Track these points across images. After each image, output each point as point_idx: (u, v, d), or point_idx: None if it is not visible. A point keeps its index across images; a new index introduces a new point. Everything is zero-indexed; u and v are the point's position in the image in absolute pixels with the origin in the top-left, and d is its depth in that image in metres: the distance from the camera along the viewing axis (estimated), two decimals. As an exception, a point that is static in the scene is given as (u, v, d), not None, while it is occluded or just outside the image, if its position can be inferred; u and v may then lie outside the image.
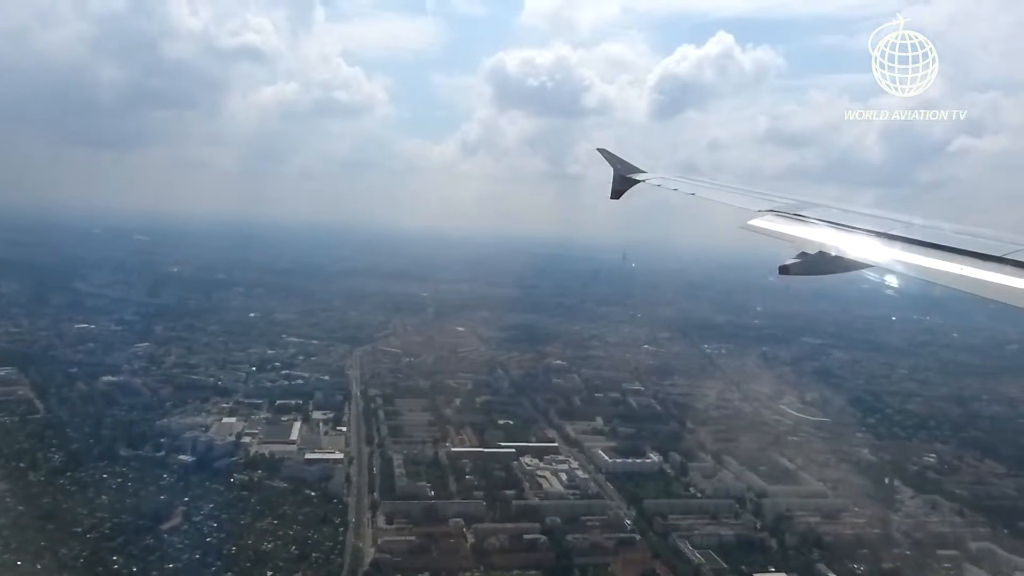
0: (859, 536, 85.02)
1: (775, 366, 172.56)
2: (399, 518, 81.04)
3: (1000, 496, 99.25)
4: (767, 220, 12.76)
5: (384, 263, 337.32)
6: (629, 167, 20.65)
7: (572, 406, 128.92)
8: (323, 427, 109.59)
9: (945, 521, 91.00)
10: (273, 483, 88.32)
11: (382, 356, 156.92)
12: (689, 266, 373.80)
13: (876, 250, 10.17)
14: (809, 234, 11.52)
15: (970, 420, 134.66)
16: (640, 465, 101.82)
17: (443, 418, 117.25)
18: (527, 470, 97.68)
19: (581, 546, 77.11)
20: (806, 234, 11.56)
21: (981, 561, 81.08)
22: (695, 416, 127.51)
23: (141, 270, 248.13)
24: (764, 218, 12.88)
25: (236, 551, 71.27)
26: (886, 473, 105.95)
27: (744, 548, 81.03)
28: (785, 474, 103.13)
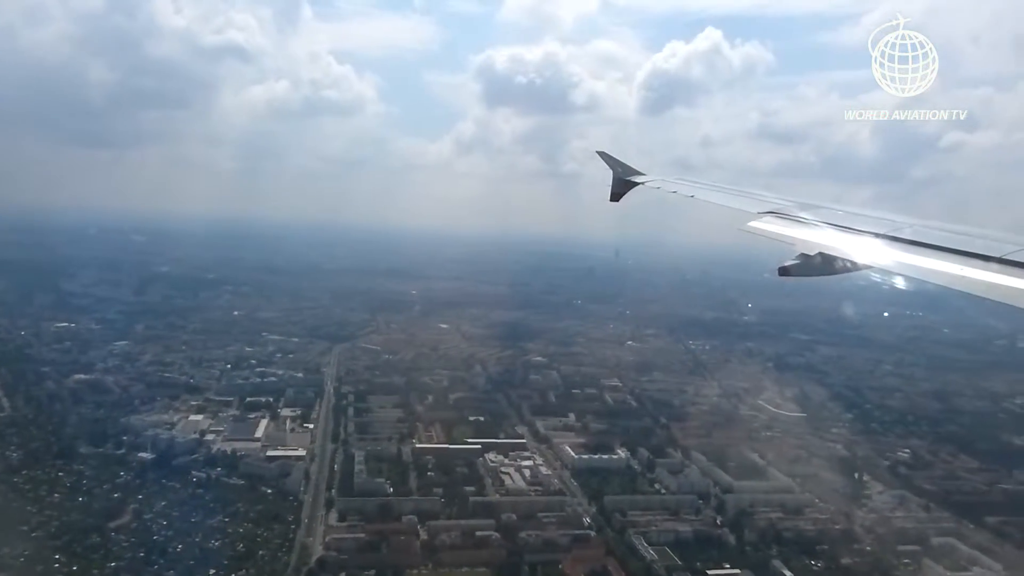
0: (820, 532, 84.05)
1: (758, 362, 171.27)
2: (352, 515, 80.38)
3: (970, 491, 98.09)
4: (766, 222, 12.82)
5: (378, 262, 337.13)
6: (628, 170, 20.67)
7: (547, 402, 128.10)
8: (290, 424, 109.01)
9: (910, 516, 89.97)
10: (230, 480, 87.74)
11: (361, 353, 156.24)
12: (685, 263, 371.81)
13: (876, 251, 10.20)
14: (808, 235, 11.57)
15: (950, 416, 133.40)
16: (607, 461, 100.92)
17: (414, 415, 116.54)
18: (491, 467, 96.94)
19: (534, 543, 76.30)
20: (805, 236, 11.61)
21: (941, 557, 79.94)
22: (670, 412, 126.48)
23: (131, 269, 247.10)
24: (763, 220, 12.95)
25: (182, 549, 70.68)
26: (857, 469, 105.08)
27: (701, 544, 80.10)
28: (753, 470, 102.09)
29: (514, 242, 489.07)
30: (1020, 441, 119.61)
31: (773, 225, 12.58)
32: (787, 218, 12.91)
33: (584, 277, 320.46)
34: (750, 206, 14.31)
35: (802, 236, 11.61)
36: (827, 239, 11.15)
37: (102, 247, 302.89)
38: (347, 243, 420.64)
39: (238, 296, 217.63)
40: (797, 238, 11.55)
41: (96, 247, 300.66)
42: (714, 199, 16.25)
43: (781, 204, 13.86)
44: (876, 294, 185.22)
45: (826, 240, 11.11)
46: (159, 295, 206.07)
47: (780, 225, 12.54)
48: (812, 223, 12.27)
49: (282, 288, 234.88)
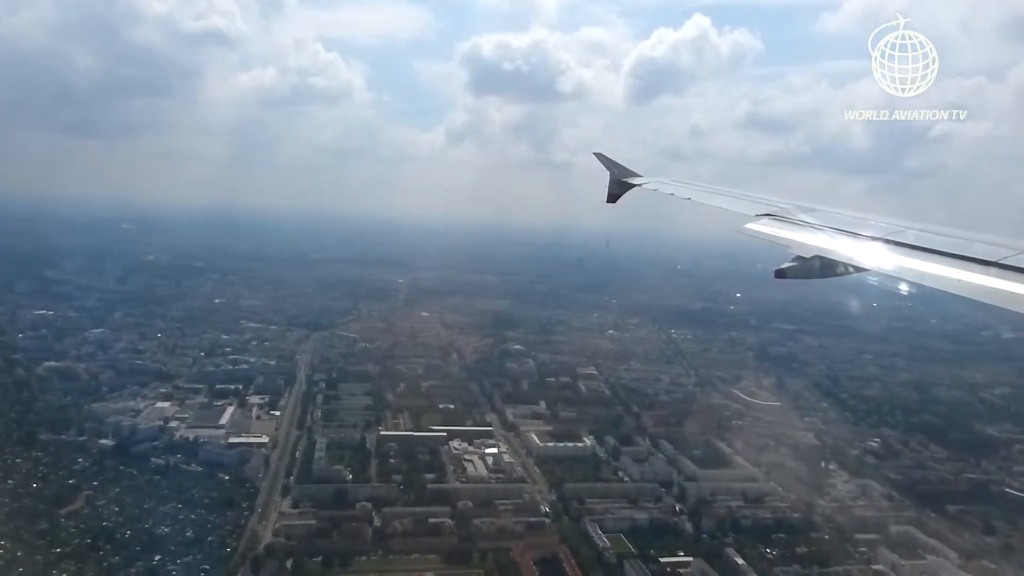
0: (778, 520, 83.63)
1: (739, 351, 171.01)
2: (307, 502, 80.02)
3: (935, 481, 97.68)
4: (764, 224, 12.87)
5: (368, 252, 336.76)
6: (625, 171, 20.63)
7: (519, 390, 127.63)
8: (256, 411, 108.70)
9: (871, 505, 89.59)
10: (189, 467, 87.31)
11: (338, 341, 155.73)
12: (678, 254, 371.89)
13: (872, 255, 10.19)
14: (806, 238, 11.57)
15: (926, 405, 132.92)
16: (572, 449, 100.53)
17: (383, 402, 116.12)
18: (454, 454, 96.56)
19: (487, 530, 75.94)
20: (803, 238, 11.61)
21: (898, 545, 79.55)
22: (643, 401, 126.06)
23: (116, 258, 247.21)
24: (761, 222, 13.00)
25: (130, 535, 70.32)
26: (825, 458, 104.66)
27: (657, 532, 79.72)
28: (719, 458, 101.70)
29: (507, 232, 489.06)
30: (993, 431, 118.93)
31: (770, 227, 12.63)
32: (784, 220, 12.98)
33: (574, 267, 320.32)
34: (747, 208, 14.34)
35: (799, 239, 11.61)
36: (824, 242, 11.15)
37: (91, 236, 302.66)
38: (339, 233, 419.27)
39: (222, 285, 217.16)
40: (794, 240, 11.56)
41: (85, 236, 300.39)
42: (711, 201, 16.29)
43: (778, 206, 13.93)
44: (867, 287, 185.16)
45: (823, 243, 11.11)
46: (142, 283, 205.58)
47: (777, 227, 12.57)
48: (809, 226, 12.30)
49: (267, 277, 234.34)
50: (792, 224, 12.68)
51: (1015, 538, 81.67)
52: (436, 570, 69.70)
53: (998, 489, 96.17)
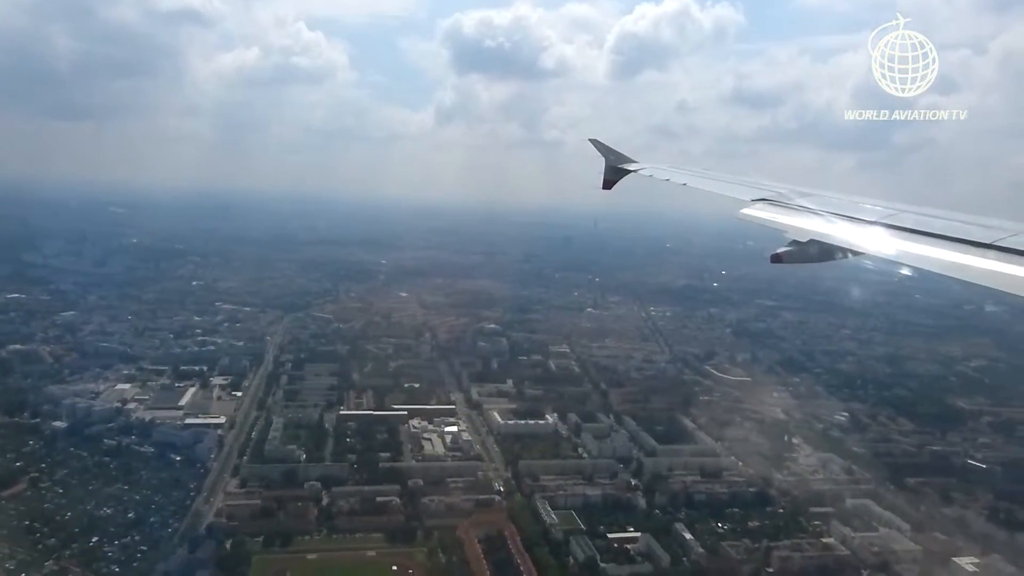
0: (733, 495, 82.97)
1: (716, 328, 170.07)
2: (255, 482, 79.41)
3: (898, 454, 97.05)
4: (759, 209, 12.89)
5: (357, 232, 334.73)
6: (621, 157, 20.48)
7: (488, 369, 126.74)
8: (218, 392, 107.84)
9: (830, 479, 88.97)
10: (141, 448, 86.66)
11: (311, 322, 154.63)
12: (669, 232, 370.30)
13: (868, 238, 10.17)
14: (801, 223, 11.57)
15: (898, 379, 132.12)
16: (534, 426, 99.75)
17: (348, 382, 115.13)
18: (413, 433, 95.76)
19: (435, 508, 75.30)
20: (798, 223, 11.61)
21: (852, 518, 78.92)
22: (612, 378, 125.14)
23: (99, 241, 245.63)
24: (756, 207, 13.01)
25: (69, 517, 69.60)
26: (790, 432, 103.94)
27: (609, 508, 79.05)
28: (682, 434, 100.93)
29: (498, 212, 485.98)
30: (963, 403, 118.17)
31: (766, 212, 12.63)
32: (780, 205, 12.92)
33: (562, 246, 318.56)
34: (742, 193, 14.31)
35: (795, 223, 11.61)
36: (820, 226, 11.11)
37: (77, 220, 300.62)
38: (329, 215, 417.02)
39: (203, 267, 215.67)
40: (790, 225, 11.56)
41: (70, 220, 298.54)
42: (706, 187, 16.24)
43: (774, 191, 13.90)
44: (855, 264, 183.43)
45: (818, 227, 11.07)
46: (120, 266, 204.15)
47: (773, 212, 12.56)
48: (805, 210, 12.27)
49: (250, 258, 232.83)
50: (788, 208, 12.66)
51: (970, 509, 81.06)
52: (379, 549, 69.12)
53: (960, 461, 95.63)
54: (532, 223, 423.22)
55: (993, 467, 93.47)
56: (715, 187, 16.06)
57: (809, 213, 12.01)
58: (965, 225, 9.47)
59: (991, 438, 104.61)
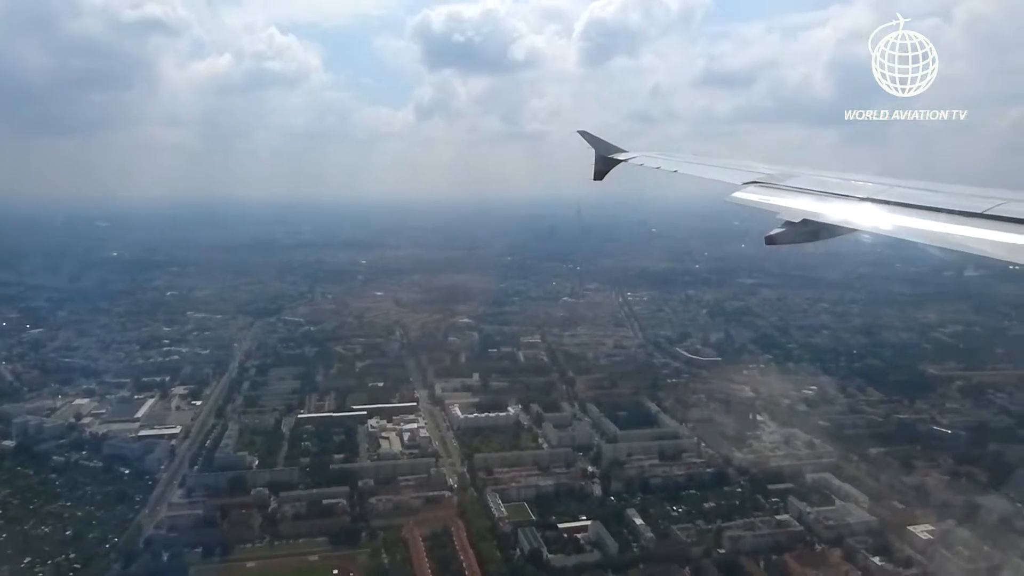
0: (691, 477, 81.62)
1: (692, 309, 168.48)
2: (201, 492, 77.93)
3: (863, 425, 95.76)
4: (751, 192, 12.94)
5: (341, 234, 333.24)
6: (610, 147, 20.52)
7: (456, 364, 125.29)
8: (178, 402, 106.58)
9: (791, 455, 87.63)
10: (90, 463, 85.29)
11: (282, 327, 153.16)
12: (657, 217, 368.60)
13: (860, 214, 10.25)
14: (793, 203, 11.57)
15: (872, 349, 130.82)
16: (495, 419, 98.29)
17: (311, 385, 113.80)
18: (371, 432, 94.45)
19: (382, 508, 74.00)
20: (790, 203, 11.62)
21: (811, 493, 77.62)
22: (580, 366, 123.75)
23: (78, 255, 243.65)
24: (748, 190, 13.06)
25: (4, 539, 68.11)
26: (756, 409, 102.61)
27: (562, 498, 77.66)
28: (645, 418, 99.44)
29: (486, 206, 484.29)
30: (934, 370, 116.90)
31: (757, 195, 12.67)
32: (771, 187, 12.96)
33: (546, 237, 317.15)
34: (733, 177, 14.35)
35: (787, 204, 11.62)
36: (811, 206, 11.13)
37: (60, 235, 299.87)
38: (315, 218, 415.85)
39: (180, 277, 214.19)
40: (782, 206, 11.56)
41: (54, 235, 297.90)
42: (697, 172, 16.35)
43: (763, 173, 13.95)
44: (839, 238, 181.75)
45: (810, 207, 11.09)
46: (96, 280, 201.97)
47: (764, 194, 12.61)
48: (795, 190, 12.29)
49: (229, 266, 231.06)
50: (778, 190, 12.66)
51: (931, 476, 79.72)
52: (323, 552, 67.74)
53: (925, 428, 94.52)
54: (519, 216, 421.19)
55: (958, 432, 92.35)
56: (705, 172, 16.15)
57: (800, 193, 12.07)
58: (955, 196, 9.49)
59: (960, 403, 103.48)
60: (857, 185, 11.57)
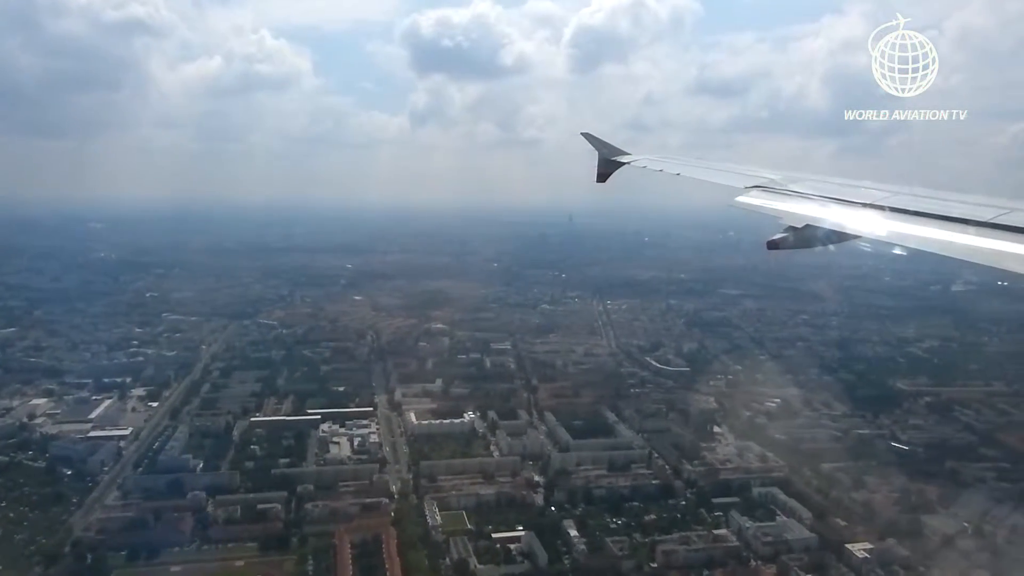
0: (636, 489, 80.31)
1: (670, 319, 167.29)
2: (138, 494, 77.01)
3: (823, 439, 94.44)
4: (753, 196, 12.81)
5: (333, 238, 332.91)
6: (614, 150, 20.39)
7: (422, 369, 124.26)
8: (134, 403, 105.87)
9: (742, 468, 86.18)
10: (34, 464, 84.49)
11: (255, 329, 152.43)
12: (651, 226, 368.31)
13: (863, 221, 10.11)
14: (796, 208, 11.51)
15: (844, 363, 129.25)
16: (449, 426, 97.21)
17: (272, 388, 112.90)
18: (322, 437, 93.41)
19: (318, 514, 72.94)
20: (793, 208, 11.55)
21: (755, 508, 76.30)
22: (546, 373, 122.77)
23: (66, 257, 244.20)
24: (751, 194, 12.94)
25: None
26: (716, 421, 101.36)
27: (502, 507, 76.45)
28: (601, 428, 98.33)
29: (483, 213, 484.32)
30: (904, 385, 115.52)
31: (761, 199, 12.54)
32: (774, 192, 12.85)
33: (536, 244, 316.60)
34: (736, 181, 14.28)
35: (790, 209, 11.55)
36: (814, 211, 11.06)
37: (52, 236, 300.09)
38: (309, 221, 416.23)
39: (164, 278, 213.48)
40: (785, 211, 11.48)
41: (45, 236, 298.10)
42: (700, 176, 16.19)
43: (766, 178, 13.80)
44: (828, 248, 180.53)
45: (813, 212, 11.02)
46: (78, 281, 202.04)
47: (767, 199, 12.48)
48: (799, 196, 12.21)
49: (214, 268, 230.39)
50: (782, 195, 12.56)
51: (880, 493, 78.39)
52: (250, 558, 66.65)
53: (884, 444, 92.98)
54: (513, 223, 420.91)
55: (916, 449, 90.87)
56: (708, 176, 16.00)
57: (804, 198, 11.97)
58: (960, 205, 9.32)
59: (924, 419, 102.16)
60: (861, 191, 11.44)
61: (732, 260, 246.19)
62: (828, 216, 10.66)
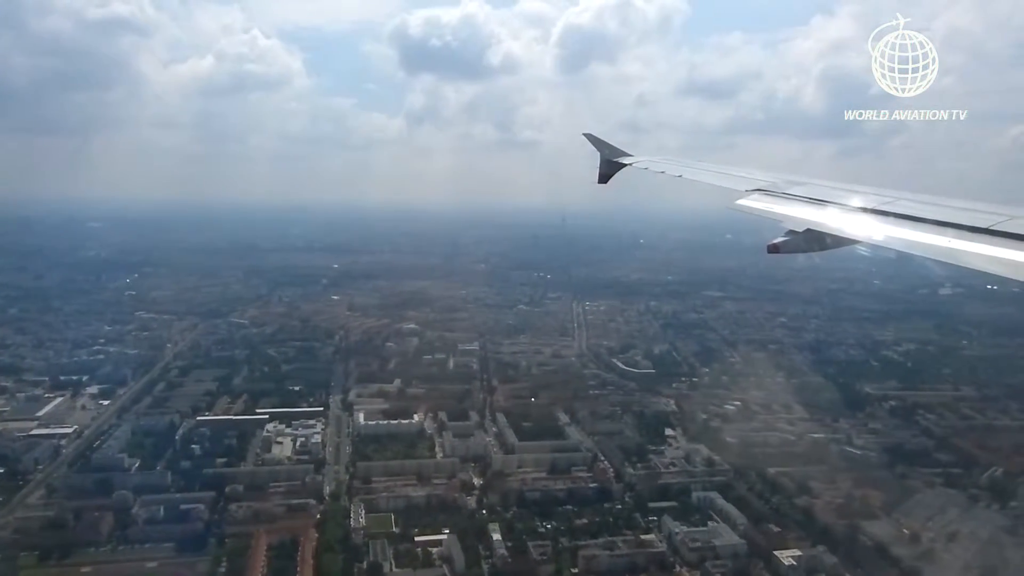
0: (573, 492, 78.55)
1: (646, 320, 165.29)
2: (64, 492, 75.96)
3: (775, 443, 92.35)
4: (755, 199, 12.81)
5: (327, 238, 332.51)
6: (615, 151, 20.41)
7: (383, 370, 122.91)
8: (85, 401, 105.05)
9: (686, 472, 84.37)
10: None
11: (224, 328, 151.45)
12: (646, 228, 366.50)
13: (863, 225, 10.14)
14: (797, 212, 11.47)
15: (814, 366, 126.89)
16: (397, 427, 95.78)
17: (228, 387, 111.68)
18: (266, 437, 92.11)
19: (242, 515, 71.64)
20: (794, 212, 11.51)
21: (691, 512, 74.44)
22: (508, 374, 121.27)
23: (55, 255, 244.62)
24: (752, 197, 12.95)
25: None
26: (671, 424, 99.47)
27: (432, 510, 74.80)
28: (551, 430, 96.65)
29: (479, 214, 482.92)
30: (871, 389, 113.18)
31: (762, 202, 12.57)
32: (775, 195, 12.89)
33: (528, 245, 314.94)
34: (737, 184, 14.22)
35: (790, 212, 11.52)
36: (816, 215, 11.04)
37: (46, 234, 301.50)
38: (307, 221, 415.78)
39: (148, 277, 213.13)
40: (786, 215, 11.47)
41: (40, 235, 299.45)
42: (701, 178, 16.20)
43: (767, 181, 13.87)
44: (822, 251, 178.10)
45: (815, 216, 10.99)
46: (60, 279, 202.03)
47: (768, 202, 12.53)
48: (800, 199, 12.20)
49: (200, 268, 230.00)
50: (783, 198, 12.58)
51: (822, 499, 76.34)
52: (166, 559, 65.39)
53: (838, 449, 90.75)
54: (508, 224, 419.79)
55: (869, 454, 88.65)
56: (710, 179, 15.95)
57: (805, 202, 11.92)
58: (960, 211, 9.33)
59: (885, 423, 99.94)
60: (862, 196, 11.36)
61: (723, 263, 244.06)
62: (829, 221, 10.63)
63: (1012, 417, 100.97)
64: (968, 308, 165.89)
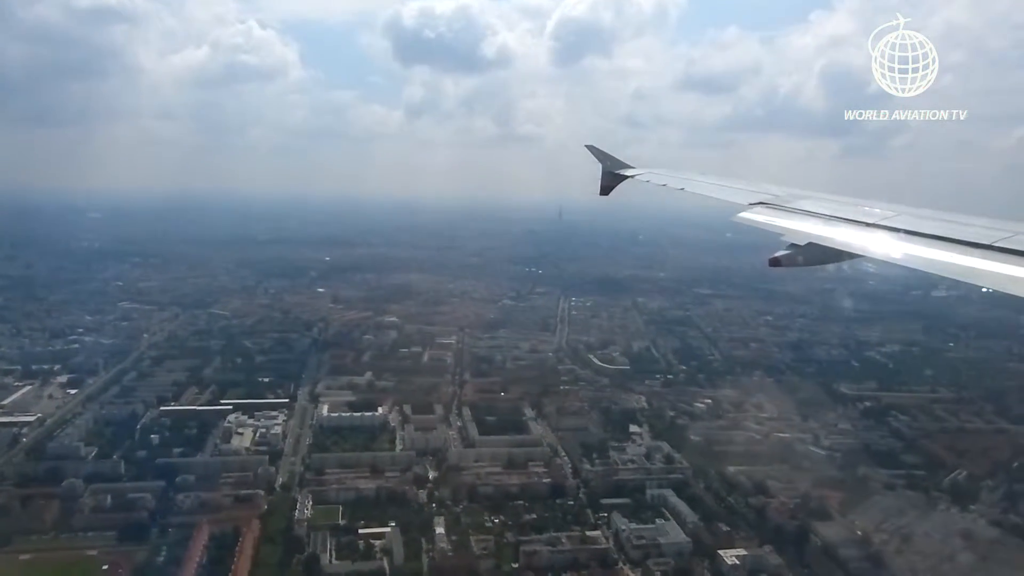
0: (526, 487, 77.62)
1: (631, 316, 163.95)
2: (14, 479, 75.69)
3: (740, 441, 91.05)
4: (757, 212, 12.83)
5: (322, 231, 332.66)
6: (617, 163, 20.35)
7: (358, 362, 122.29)
8: (53, 390, 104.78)
9: (644, 469, 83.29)
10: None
11: (204, 319, 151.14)
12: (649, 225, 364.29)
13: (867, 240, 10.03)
14: (799, 225, 11.40)
15: (793, 365, 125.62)
16: (360, 419, 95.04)
17: (197, 378, 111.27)
18: (227, 427, 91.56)
19: (188, 505, 71.09)
20: (796, 225, 11.44)
21: (643, 510, 73.50)
22: (481, 368, 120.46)
23: (48, 245, 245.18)
24: (754, 211, 12.97)
25: None
26: (637, 420, 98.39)
27: (381, 503, 74.01)
28: (515, 425, 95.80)
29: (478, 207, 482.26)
30: (847, 389, 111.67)
31: (764, 215, 12.60)
32: (778, 208, 12.91)
33: (524, 239, 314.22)
34: (739, 197, 14.21)
35: (793, 226, 11.43)
36: (818, 229, 10.96)
37: (44, 225, 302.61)
38: (305, 214, 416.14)
39: (138, 267, 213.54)
40: (788, 228, 11.39)
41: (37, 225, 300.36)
42: (703, 191, 16.16)
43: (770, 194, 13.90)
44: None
45: (817, 230, 10.90)
46: (49, 268, 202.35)
47: (771, 215, 12.51)
48: (802, 213, 12.15)
49: (191, 259, 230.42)
50: (785, 212, 12.55)
51: (778, 498, 75.24)
52: (106, 548, 64.92)
53: (804, 449, 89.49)
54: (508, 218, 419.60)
55: (834, 454, 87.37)
56: (712, 191, 15.85)
57: (808, 216, 11.86)
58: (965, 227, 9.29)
59: (855, 424, 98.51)
60: (866, 211, 11.31)
61: (720, 261, 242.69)
62: (833, 235, 10.51)
63: (985, 420, 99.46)
64: (960, 310, 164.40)
